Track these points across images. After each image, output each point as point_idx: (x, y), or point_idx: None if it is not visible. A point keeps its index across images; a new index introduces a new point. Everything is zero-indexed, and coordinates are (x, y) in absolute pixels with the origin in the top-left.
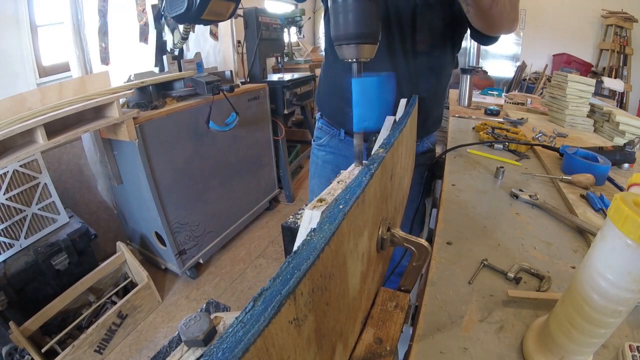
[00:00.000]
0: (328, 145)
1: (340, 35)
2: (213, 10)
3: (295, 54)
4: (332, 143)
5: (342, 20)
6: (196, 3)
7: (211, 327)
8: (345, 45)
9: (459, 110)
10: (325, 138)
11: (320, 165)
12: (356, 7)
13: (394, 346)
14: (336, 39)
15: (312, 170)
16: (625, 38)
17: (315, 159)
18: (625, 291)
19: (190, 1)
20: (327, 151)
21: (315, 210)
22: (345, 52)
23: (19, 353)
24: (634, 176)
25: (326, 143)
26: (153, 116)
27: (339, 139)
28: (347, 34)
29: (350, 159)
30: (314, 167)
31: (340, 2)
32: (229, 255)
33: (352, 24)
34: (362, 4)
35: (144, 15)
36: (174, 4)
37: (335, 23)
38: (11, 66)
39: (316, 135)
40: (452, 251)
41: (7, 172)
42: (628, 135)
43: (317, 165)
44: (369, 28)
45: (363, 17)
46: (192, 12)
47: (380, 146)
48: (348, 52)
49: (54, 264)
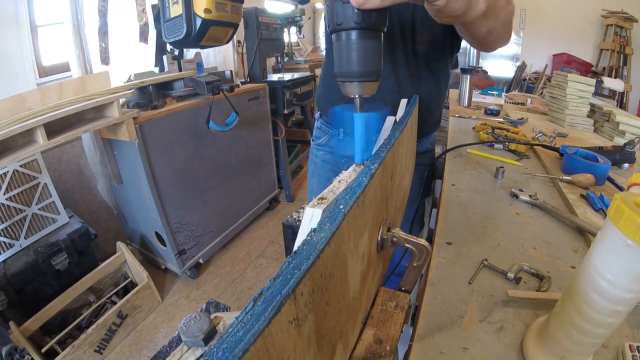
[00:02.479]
0: (327, 145)
1: (343, 72)
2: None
3: (295, 54)
4: (331, 143)
5: (345, 59)
6: (195, 29)
7: (211, 327)
8: (349, 83)
9: (459, 110)
10: (324, 138)
11: (320, 165)
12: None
13: (394, 346)
14: (339, 76)
15: (311, 170)
16: (625, 38)
17: (314, 158)
18: (625, 291)
19: (189, 28)
20: (326, 151)
21: (316, 208)
22: (348, 89)
23: (19, 353)
24: (634, 176)
25: (325, 143)
26: (153, 116)
27: (338, 139)
28: (351, 72)
29: (349, 159)
30: (313, 166)
31: (344, 41)
32: (229, 255)
33: (355, 62)
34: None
35: (144, 15)
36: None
37: (338, 61)
38: (11, 66)
39: (315, 135)
40: (452, 251)
41: (7, 172)
42: (628, 135)
43: (316, 165)
44: (372, 66)
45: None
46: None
47: (381, 146)
48: (351, 89)
49: (54, 264)
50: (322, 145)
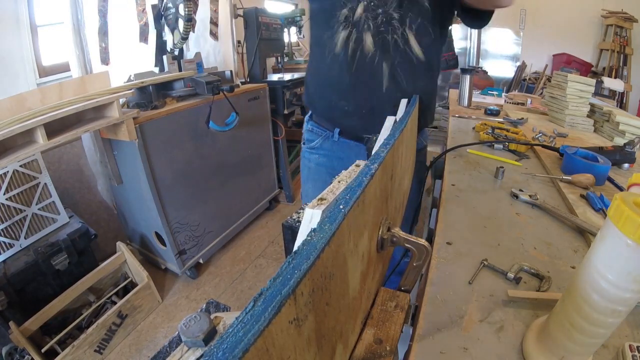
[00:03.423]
0: (321, 148)
1: None
2: None
3: (295, 54)
4: (325, 145)
5: None
6: None
7: (211, 327)
8: None
9: (459, 110)
10: (317, 140)
11: (314, 169)
12: None
13: (394, 346)
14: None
15: (304, 175)
16: (625, 38)
17: (307, 162)
18: (625, 291)
19: None
20: (321, 154)
21: (316, 209)
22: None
23: (19, 353)
24: (634, 176)
25: (319, 146)
26: (153, 116)
27: (333, 141)
28: None
29: (345, 160)
30: (307, 170)
31: None
32: (229, 255)
33: None
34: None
35: (144, 15)
36: None
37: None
38: (11, 66)
39: (307, 138)
40: (452, 251)
41: (7, 172)
42: (628, 135)
43: (309, 169)
44: None
45: None
46: None
47: (381, 146)
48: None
49: (54, 264)
50: (315, 149)
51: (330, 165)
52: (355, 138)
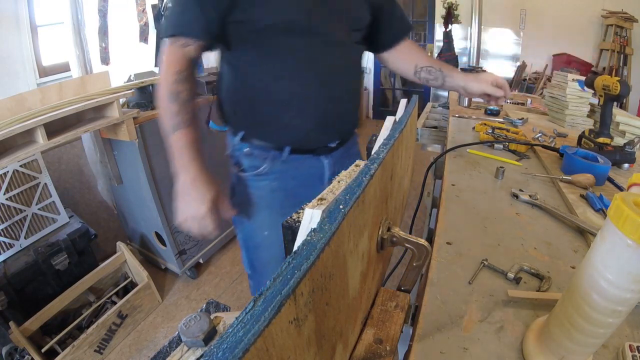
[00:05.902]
0: (272, 172)
1: None
2: None
3: None
4: (275, 169)
5: None
6: None
7: (211, 327)
8: None
9: (459, 110)
10: (265, 166)
11: (267, 196)
12: None
13: (394, 346)
14: None
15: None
16: (625, 38)
17: (256, 191)
18: (625, 291)
19: None
20: (271, 178)
21: (315, 209)
22: None
23: (19, 353)
24: (634, 176)
25: (268, 170)
26: (153, 116)
27: (282, 161)
28: None
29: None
30: (258, 199)
31: None
32: (229, 255)
33: None
34: None
35: (144, 15)
36: None
37: None
38: (11, 66)
39: (248, 165)
40: (452, 251)
41: (7, 172)
42: (628, 135)
43: (261, 198)
44: None
45: None
46: None
47: (380, 146)
48: None
49: (54, 264)
50: (264, 175)
51: (284, 187)
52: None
